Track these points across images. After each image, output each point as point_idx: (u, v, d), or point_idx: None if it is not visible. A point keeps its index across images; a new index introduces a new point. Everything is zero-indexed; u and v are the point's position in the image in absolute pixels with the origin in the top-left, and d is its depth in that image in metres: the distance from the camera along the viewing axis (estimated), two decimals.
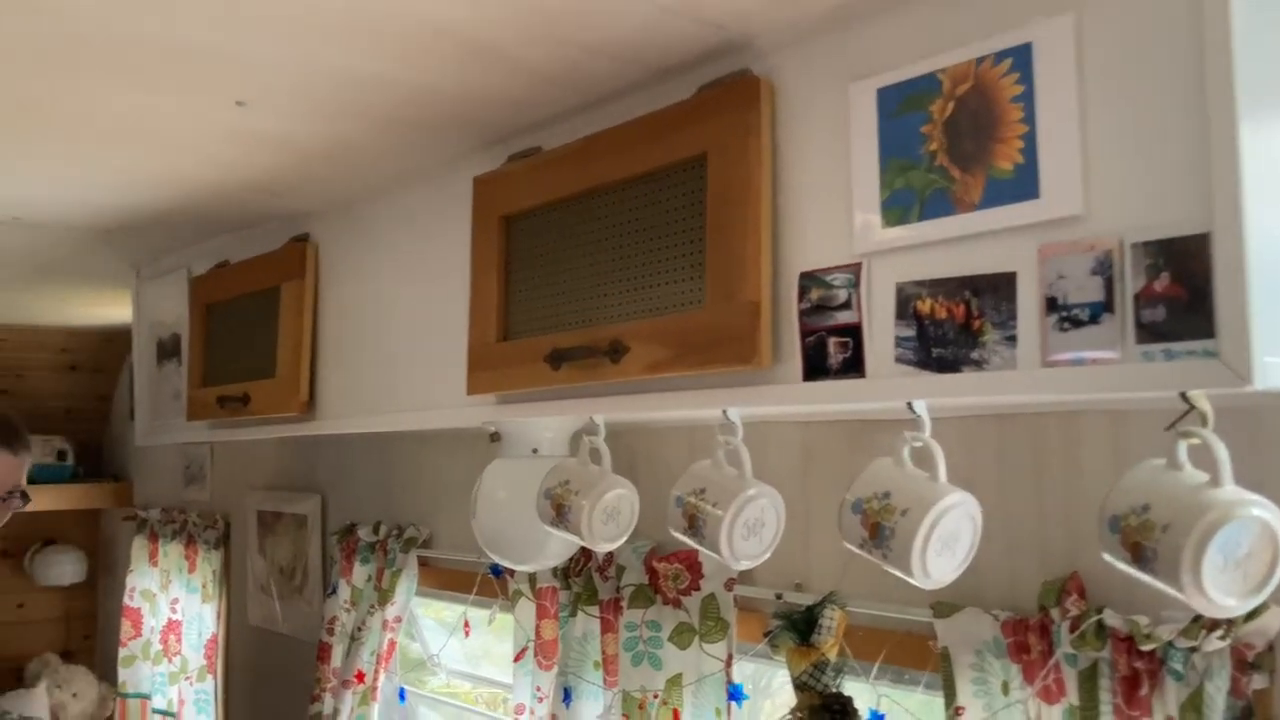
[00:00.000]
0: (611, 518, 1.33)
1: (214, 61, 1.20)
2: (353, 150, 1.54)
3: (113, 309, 3.08)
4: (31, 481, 3.44)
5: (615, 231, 1.24)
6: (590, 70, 1.22)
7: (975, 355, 0.94)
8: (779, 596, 1.45)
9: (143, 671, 3.41)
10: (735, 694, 1.52)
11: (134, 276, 2.52)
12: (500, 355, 1.38)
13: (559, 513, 1.35)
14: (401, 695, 2.28)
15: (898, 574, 1.01)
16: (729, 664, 1.53)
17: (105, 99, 1.35)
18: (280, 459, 2.77)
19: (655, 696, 1.62)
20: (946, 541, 1.01)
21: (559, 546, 1.61)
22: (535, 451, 1.62)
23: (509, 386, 1.37)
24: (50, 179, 1.74)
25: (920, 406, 1.02)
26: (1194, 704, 1.00)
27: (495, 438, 1.68)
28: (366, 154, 1.56)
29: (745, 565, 1.18)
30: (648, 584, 1.66)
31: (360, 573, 2.32)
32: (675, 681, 1.60)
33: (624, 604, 1.69)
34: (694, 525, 1.17)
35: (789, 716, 1.30)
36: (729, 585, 1.54)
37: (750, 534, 1.15)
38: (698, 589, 1.58)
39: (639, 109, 1.25)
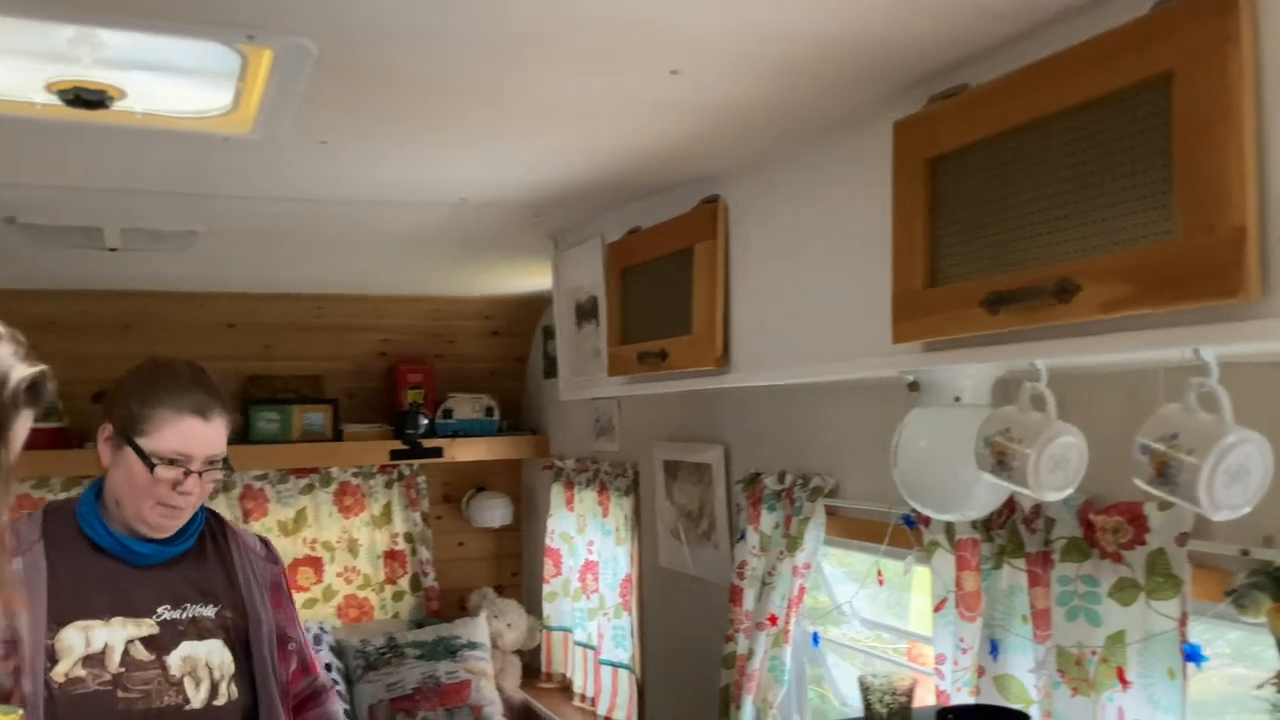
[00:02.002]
0: (1059, 466, 1.28)
1: (652, 34, 1.28)
2: (769, 108, 1.58)
3: (530, 278, 3.37)
4: (464, 435, 3.90)
5: (1057, 165, 1.18)
6: None
7: None
8: (1245, 553, 1.33)
9: (564, 607, 3.75)
10: (1193, 655, 1.41)
11: (552, 247, 2.75)
12: (928, 302, 1.37)
13: (1000, 461, 1.32)
14: (815, 640, 2.35)
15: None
16: (1183, 623, 1.43)
17: (548, 82, 1.47)
18: (684, 412, 2.92)
19: (1094, 654, 1.55)
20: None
21: (985, 496, 1.58)
22: (957, 400, 1.59)
23: (938, 333, 1.36)
24: (491, 161, 1.93)
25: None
26: None
27: (914, 387, 1.67)
28: (783, 110, 1.59)
29: (1226, 516, 1.10)
30: (1082, 537, 1.59)
31: (768, 520, 2.40)
32: (1117, 639, 1.52)
33: (1054, 557, 1.63)
34: (1165, 474, 1.10)
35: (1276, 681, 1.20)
36: (1181, 540, 1.43)
37: (1233, 482, 1.07)
38: (1142, 543, 1.49)
39: (1076, 35, 1.18)
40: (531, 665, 4.00)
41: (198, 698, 1.65)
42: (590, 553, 3.53)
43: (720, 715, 2.51)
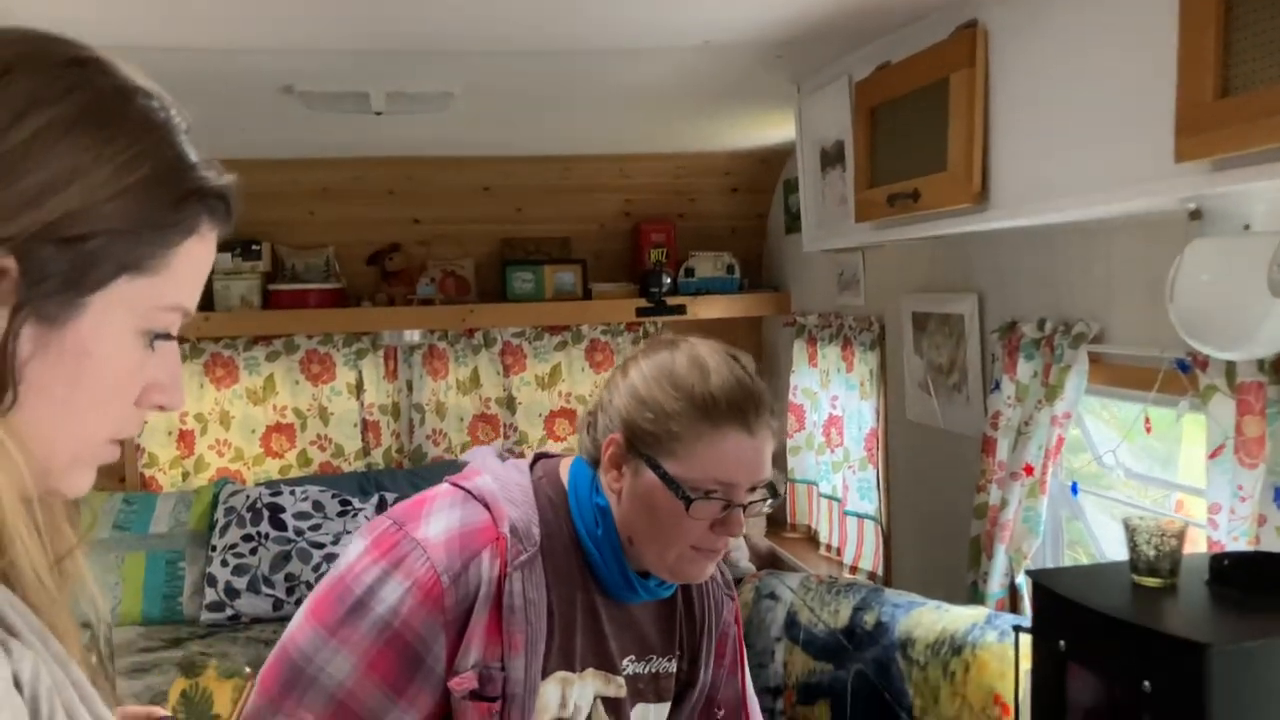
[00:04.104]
0: None
1: None
2: None
3: (771, 129, 3.32)
4: (706, 293, 3.94)
5: None
6: None
7: None
8: None
9: (808, 460, 3.79)
10: None
11: (795, 92, 2.68)
12: (1219, 114, 1.25)
13: None
14: (1074, 489, 2.27)
15: None
16: None
17: None
18: (933, 261, 2.83)
19: None
20: None
21: (1275, 331, 1.45)
22: (1247, 228, 1.46)
23: (1231, 148, 1.24)
24: None
25: None
26: None
27: (1195, 215, 1.55)
28: None
29: None
30: None
31: (1025, 369, 2.31)
32: None
33: None
34: None
35: None
36: None
37: None
38: None
39: None
40: (776, 516, 4.09)
41: None
42: (834, 408, 3.54)
43: (970, 564, 2.49)
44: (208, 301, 3.58)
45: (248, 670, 1.07)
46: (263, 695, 1.16)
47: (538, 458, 1.32)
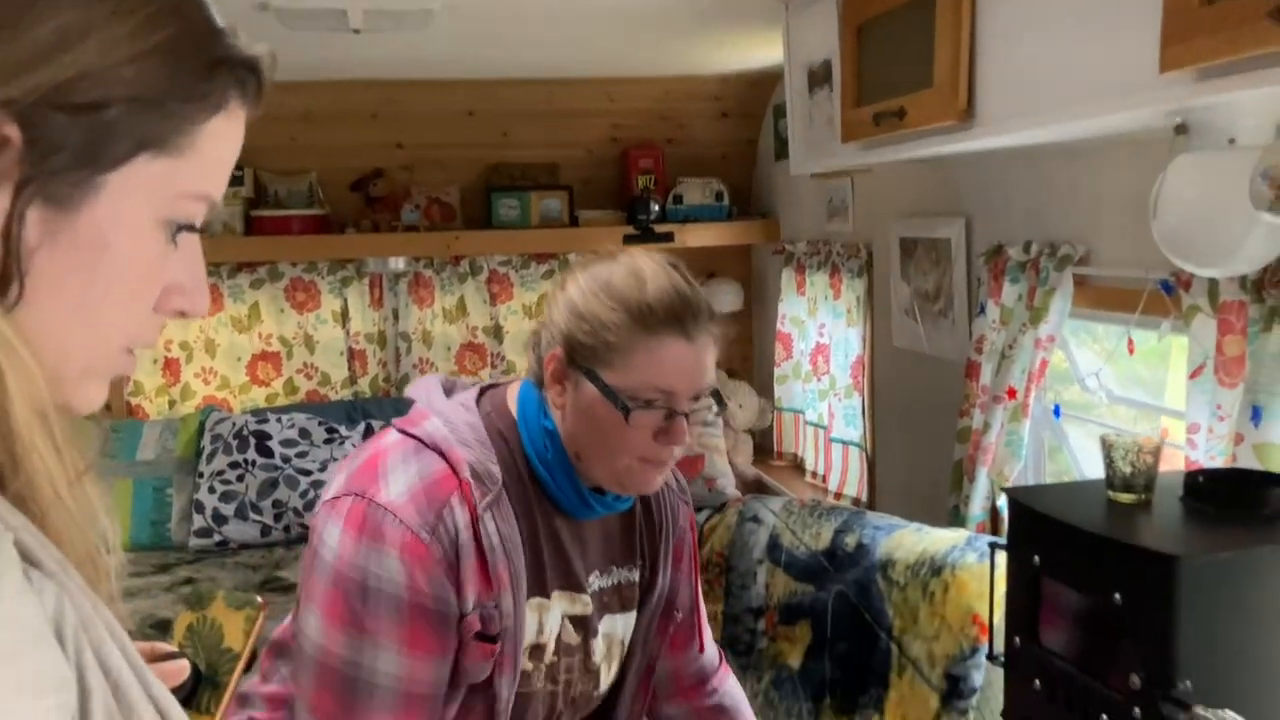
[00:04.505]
0: None
1: None
2: None
3: (757, 50, 3.26)
4: (694, 220, 3.91)
5: None
6: None
7: None
8: None
9: (795, 389, 3.80)
10: None
11: (783, 10, 2.63)
12: (1205, 20, 1.22)
13: (1279, 195, 1.19)
14: (1056, 412, 2.28)
15: None
16: None
17: None
18: (921, 186, 2.80)
19: None
20: None
21: (1258, 247, 1.44)
22: (1232, 142, 1.44)
23: (1216, 55, 1.21)
24: None
25: None
26: None
27: (1180, 130, 1.52)
28: None
29: None
30: None
31: (1010, 292, 2.30)
32: None
33: None
34: None
35: None
36: None
37: None
38: None
39: None
40: (763, 445, 4.11)
41: (606, 680, 1.35)
42: (821, 335, 3.53)
43: (952, 488, 2.50)
44: None
45: (259, 600, 1.06)
46: (325, 715, 1.15)
47: (484, 390, 1.31)
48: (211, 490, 3.44)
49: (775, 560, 2.50)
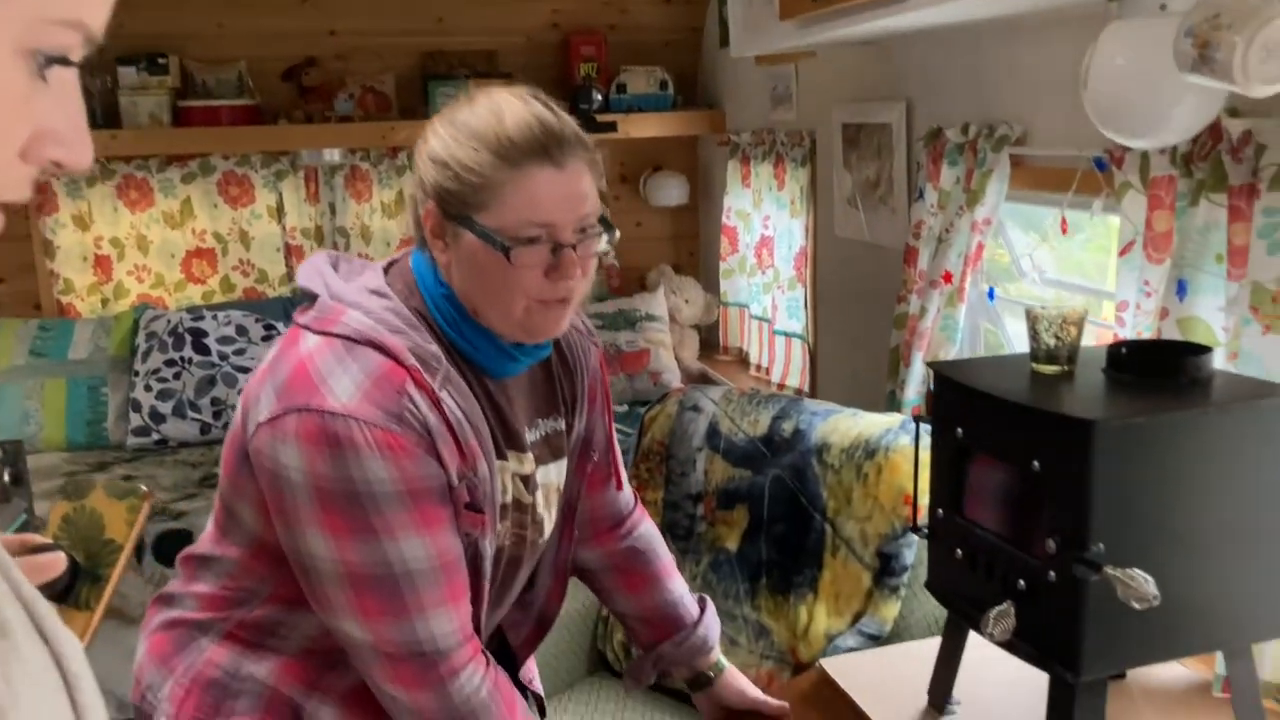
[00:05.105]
0: (1272, 55, 1.13)
1: None
2: None
3: None
4: (638, 110, 3.83)
5: None
6: None
7: None
8: None
9: (740, 283, 3.78)
10: None
11: None
12: None
13: (1202, 54, 1.17)
14: (990, 294, 2.28)
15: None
16: None
17: None
18: (863, 70, 2.75)
19: None
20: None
21: (1187, 117, 1.43)
22: (1163, 8, 1.42)
23: None
24: None
25: None
26: None
27: None
28: None
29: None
30: None
31: (948, 175, 2.29)
32: None
33: (1262, 188, 1.48)
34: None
35: None
36: None
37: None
38: None
39: None
40: (709, 340, 4.11)
41: (549, 527, 1.36)
42: (766, 228, 3.50)
43: (889, 375, 2.52)
44: (114, 118, 3.41)
45: (143, 489, 1.00)
46: (380, 616, 1.13)
47: (387, 269, 1.25)
48: (148, 389, 3.38)
49: (714, 447, 2.51)
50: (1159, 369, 1.35)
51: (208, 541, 1.30)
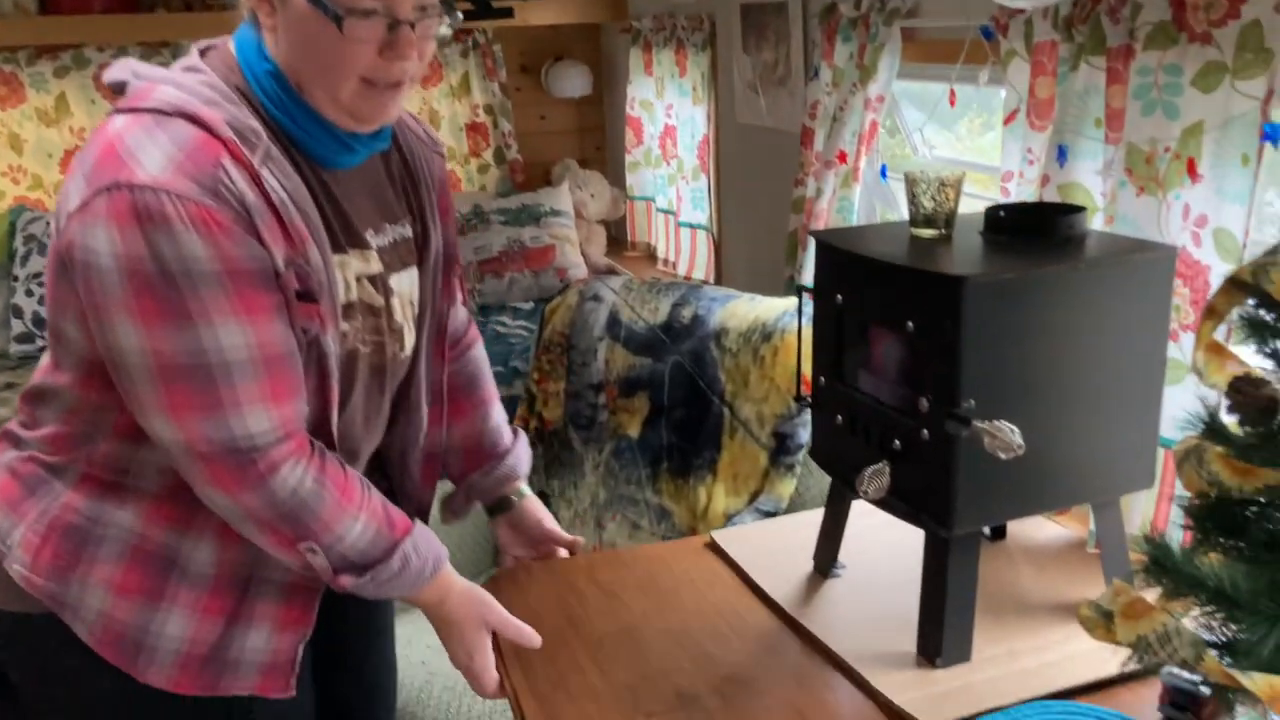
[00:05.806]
0: None
1: None
2: None
3: None
4: None
5: None
6: None
7: None
8: None
9: (646, 176, 3.73)
10: (1273, 133, 1.30)
11: None
12: None
13: None
14: (883, 172, 2.28)
15: None
16: (1267, 100, 1.30)
17: None
18: None
19: (1166, 149, 1.44)
20: None
21: None
22: None
23: None
24: None
25: None
26: None
27: None
28: None
29: None
30: (1170, 20, 1.42)
31: (842, 51, 2.26)
32: (1193, 131, 1.40)
33: (1137, 47, 1.48)
34: None
35: None
36: None
37: None
38: (1236, 16, 1.33)
39: None
40: (618, 237, 4.07)
41: (409, 341, 1.30)
42: (669, 117, 3.45)
43: (787, 259, 2.51)
44: None
45: None
46: (190, 411, 1.06)
47: (203, 52, 1.18)
48: (29, 293, 3.24)
49: (615, 336, 2.49)
50: (1033, 229, 1.35)
51: (41, 372, 1.22)
